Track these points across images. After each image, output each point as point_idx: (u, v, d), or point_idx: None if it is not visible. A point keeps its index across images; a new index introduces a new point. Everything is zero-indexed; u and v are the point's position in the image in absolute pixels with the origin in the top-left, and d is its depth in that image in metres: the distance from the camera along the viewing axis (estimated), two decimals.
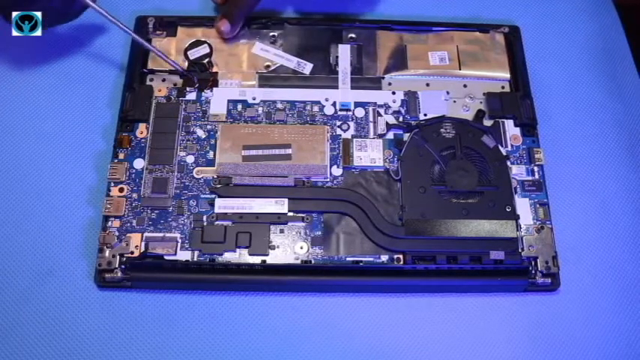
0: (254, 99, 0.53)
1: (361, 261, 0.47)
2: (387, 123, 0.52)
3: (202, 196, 0.49)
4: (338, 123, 0.52)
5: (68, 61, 0.56)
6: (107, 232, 0.47)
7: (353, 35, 0.57)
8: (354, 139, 0.52)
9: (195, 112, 0.52)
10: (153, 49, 0.52)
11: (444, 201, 0.49)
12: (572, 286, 0.49)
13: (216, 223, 0.48)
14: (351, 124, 0.52)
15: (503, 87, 0.55)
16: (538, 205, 0.50)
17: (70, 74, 0.56)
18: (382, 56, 0.56)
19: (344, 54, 0.56)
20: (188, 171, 0.50)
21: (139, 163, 0.50)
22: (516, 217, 0.48)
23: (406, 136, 0.52)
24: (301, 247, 0.48)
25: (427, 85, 0.55)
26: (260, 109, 0.53)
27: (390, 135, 0.52)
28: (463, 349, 0.46)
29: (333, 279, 0.47)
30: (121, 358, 0.45)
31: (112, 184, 0.49)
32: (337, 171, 0.50)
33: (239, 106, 0.53)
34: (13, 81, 0.55)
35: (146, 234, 0.47)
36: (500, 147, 0.51)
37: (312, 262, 0.47)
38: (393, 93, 0.54)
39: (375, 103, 0.53)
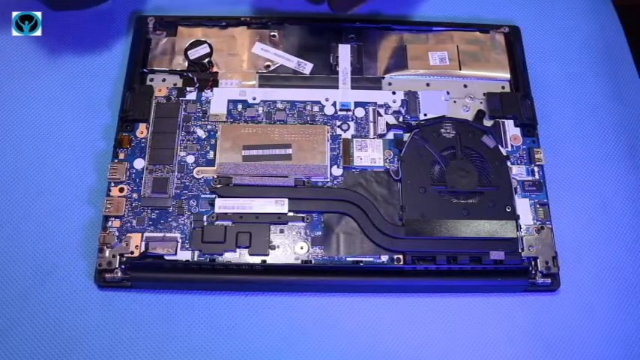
0: (254, 99, 0.53)
1: (361, 261, 0.47)
2: (387, 123, 0.52)
3: (202, 196, 0.49)
4: (338, 123, 0.52)
5: (68, 61, 0.56)
6: (107, 232, 0.47)
7: (353, 35, 0.57)
8: (354, 139, 0.52)
9: (195, 112, 0.52)
10: None
11: (444, 201, 0.49)
12: (572, 286, 0.49)
13: (217, 223, 0.48)
14: (351, 124, 0.52)
15: (503, 87, 0.55)
16: (538, 206, 0.50)
17: (70, 74, 0.56)
18: (382, 56, 0.56)
19: (344, 54, 0.56)
20: (188, 171, 0.50)
21: (139, 163, 0.50)
22: (516, 218, 0.48)
23: (406, 136, 0.52)
24: (301, 247, 0.48)
25: (427, 85, 0.55)
26: (260, 109, 0.53)
27: (390, 135, 0.52)
28: (463, 349, 0.46)
29: (333, 279, 0.47)
30: (121, 358, 0.45)
31: (112, 184, 0.49)
32: (337, 171, 0.50)
33: (239, 106, 0.53)
34: (13, 81, 0.55)
35: (146, 234, 0.47)
36: (500, 147, 0.51)
37: (313, 262, 0.47)
38: (393, 93, 0.54)
39: (375, 103, 0.53)
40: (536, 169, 0.51)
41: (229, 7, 0.58)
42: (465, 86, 0.55)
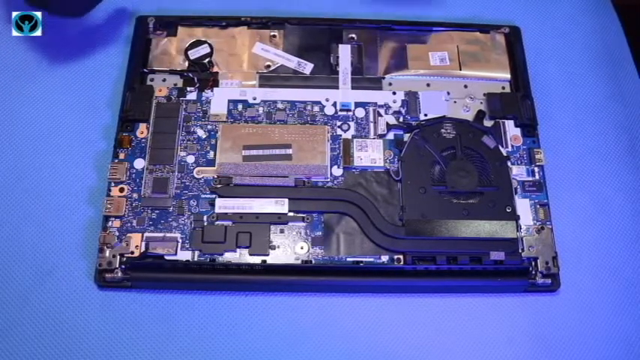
0: (254, 99, 0.53)
1: (361, 261, 0.47)
2: (387, 123, 0.52)
3: (203, 196, 0.49)
4: (338, 123, 0.52)
5: (68, 61, 0.56)
6: (107, 232, 0.47)
7: (353, 35, 0.57)
8: (355, 140, 0.52)
9: (195, 112, 0.52)
10: None
11: (444, 201, 0.49)
12: (572, 287, 0.49)
13: (217, 223, 0.48)
14: (352, 124, 0.52)
15: (503, 87, 0.55)
16: (538, 206, 0.50)
17: (70, 74, 0.56)
18: (383, 56, 0.56)
19: (344, 54, 0.56)
20: (188, 171, 0.50)
21: (139, 163, 0.50)
22: (516, 218, 0.48)
23: (406, 137, 0.52)
24: (301, 247, 0.48)
25: (427, 85, 0.55)
26: (260, 109, 0.53)
27: (391, 135, 0.52)
28: (463, 350, 0.46)
29: (333, 279, 0.47)
30: (121, 358, 0.45)
31: (113, 184, 0.49)
32: (337, 171, 0.50)
33: (239, 106, 0.53)
34: (13, 81, 0.55)
35: (146, 234, 0.47)
36: (500, 147, 0.51)
37: (313, 262, 0.47)
38: (394, 93, 0.54)
39: (376, 103, 0.53)
40: (536, 169, 0.51)
41: (230, 7, 0.58)
42: (465, 86, 0.55)
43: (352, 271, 0.47)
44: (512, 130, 0.53)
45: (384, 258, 0.47)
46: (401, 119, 0.53)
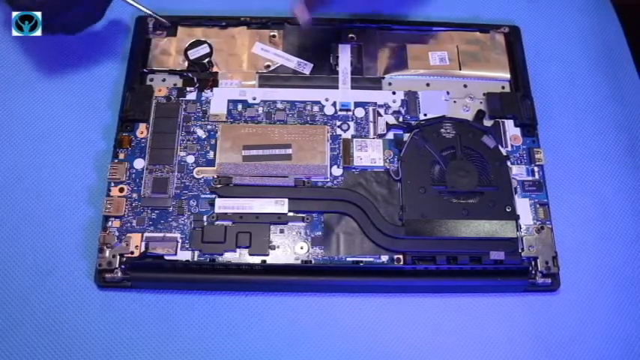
0: (254, 99, 0.53)
1: (361, 261, 0.47)
2: (387, 123, 0.52)
3: (202, 196, 0.49)
4: (338, 123, 0.52)
5: (68, 62, 0.56)
6: (107, 232, 0.47)
7: (353, 35, 0.57)
8: (354, 139, 0.52)
9: (195, 112, 0.52)
10: None
11: (444, 201, 0.49)
12: (572, 287, 0.49)
13: (217, 223, 0.48)
14: (351, 124, 0.52)
15: (503, 87, 0.55)
16: (538, 206, 0.50)
17: (70, 74, 0.56)
18: (382, 56, 0.56)
19: (344, 54, 0.56)
20: (188, 171, 0.50)
21: (139, 163, 0.50)
22: (516, 218, 0.48)
23: (406, 136, 0.52)
24: (301, 247, 0.48)
25: (427, 85, 0.55)
26: (260, 109, 0.53)
27: (390, 135, 0.52)
28: (463, 349, 0.46)
29: (333, 279, 0.47)
30: (121, 358, 0.45)
31: (112, 184, 0.49)
32: (337, 171, 0.50)
33: (239, 106, 0.53)
34: (13, 81, 0.55)
35: (146, 234, 0.47)
36: (500, 147, 0.51)
37: (313, 262, 0.47)
38: (393, 93, 0.54)
39: (375, 103, 0.53)
40: (536, 169, 0.51)
41: (229, 7, 0.58)
42: (465, 86, 0.55)
43: (352, 271, 0.47)
44: (511, 130, 0.53)
45: (384, 258, 0.47)
46: (401, 119, 0.53)
